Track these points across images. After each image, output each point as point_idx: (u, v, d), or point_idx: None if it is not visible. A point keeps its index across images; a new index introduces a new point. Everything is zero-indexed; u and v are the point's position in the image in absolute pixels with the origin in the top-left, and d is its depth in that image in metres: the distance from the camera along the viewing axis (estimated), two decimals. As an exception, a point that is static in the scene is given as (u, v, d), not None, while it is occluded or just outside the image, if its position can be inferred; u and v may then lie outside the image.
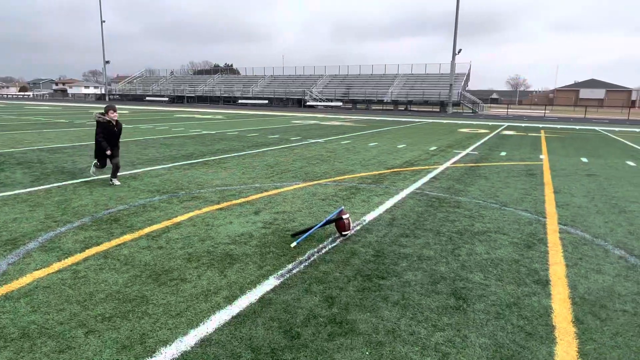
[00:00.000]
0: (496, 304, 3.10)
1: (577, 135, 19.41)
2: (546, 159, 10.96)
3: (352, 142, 14.20)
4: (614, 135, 19.65)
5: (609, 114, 55.33)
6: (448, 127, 22.44)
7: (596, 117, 44.19)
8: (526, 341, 2.63)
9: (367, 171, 8.56)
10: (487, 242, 4.44)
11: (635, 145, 15.37)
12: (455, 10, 44.61)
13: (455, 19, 44.98)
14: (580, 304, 3.12)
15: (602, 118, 43.01)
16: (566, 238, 4.62)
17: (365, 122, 25.33)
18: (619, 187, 7.42)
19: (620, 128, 26.11)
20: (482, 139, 16.36)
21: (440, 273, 3.62)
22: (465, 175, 8.34)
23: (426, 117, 35.86)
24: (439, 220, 5.18)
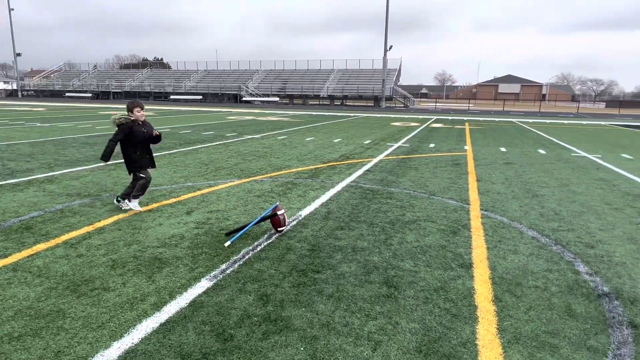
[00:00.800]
0: (425, 289, 3.24)
1: (497, 126, 20.96)
2: (470, 149, 11.71)
3: (289, 137, 14.16)
4: (528, 126, 21.48)
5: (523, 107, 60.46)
6: (381, 121, 23.17)
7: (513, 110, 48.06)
8: (452, 322, 2.78)
9: (303, 166, 8.58)
10: (416, 230, 4.64)
11: (546, 135, 16.91)
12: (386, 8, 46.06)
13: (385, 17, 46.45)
14: (499, 284, 3.36)
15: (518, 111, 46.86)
16: (487, 223, 4.96)
17: (302, 117, 25.39)
18: (532, 174, 8.12)
19: (533, 119, 28.61)
20: (413, 131, 17.09)
21: (374, 263, 3.72)
22: (397, 167, 8.66)
23: (361, 111, 36.76)
24: (372, 212, 5.32)
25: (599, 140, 15.17)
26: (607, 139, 15.77)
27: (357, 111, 36.47)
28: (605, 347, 2.53)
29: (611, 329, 2.72)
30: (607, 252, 4.08)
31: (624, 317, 2.87)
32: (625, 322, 2.81)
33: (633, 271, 3.65)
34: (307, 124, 19.97)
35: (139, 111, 5.03)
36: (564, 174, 8.11)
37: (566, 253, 4.03)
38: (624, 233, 4.65)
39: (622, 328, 2.74)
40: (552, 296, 3.16)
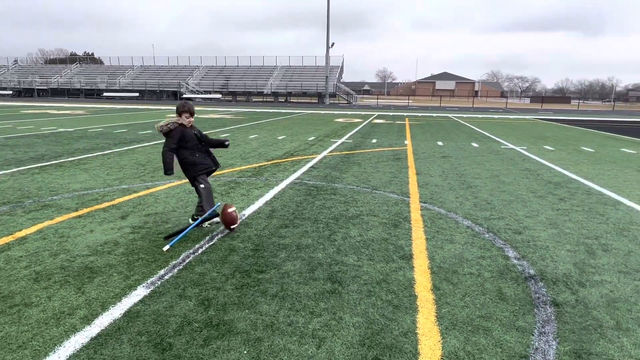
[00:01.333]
0: (368, 282, 3.30)
1: (434, 122, 21.93)
2: (410, 144, 12.14)
3: (232, 135, 13.86)
4: (462, 121, 22.69)
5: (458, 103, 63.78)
6: (325, 118, 23.38)
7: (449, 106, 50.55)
8: (393, 314, 2.85)
9: (247, 164, 8.43)
10: (360, 225, 4.72)
11: (478, 129, 17.96)
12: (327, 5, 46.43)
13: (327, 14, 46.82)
14: (438, 273, 3.50)
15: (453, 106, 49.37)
16: (426, 214, 5.16)
17: (246, 114, 24.97)
18: (467, 166, 8.58)
19: (467, 115, 30.27)
20: (356, 127, 17.41)
21: (318, 260, 3.73)
22: (341, 163, 8.77)
23: (305, 108, 36.84)
24: (316, 208, 5.34)
25: (524, 133, 16.36)
26: (532, 132, 17.06)
27: (302, 108, 36.50)
28: (532, 326, 2.72)
29: (537, 309, 2.94)
30: (533, 237, 4.40)
31: (547, 297, 3.10)
32: (548, 301, 3.05)
33: (555, 254, 3.96)
34: (250, 122, 19.66)
35: (188, 117, 4.42)
36: (494, 166, 8.66)
37: (497, 240, 4.30)
38: (547, 219, 5.04)
39: (546, 307, 2.96)
40: (485, 282, 3.35)
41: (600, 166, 8.87)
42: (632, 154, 10.86)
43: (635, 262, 3.77)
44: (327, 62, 49.49)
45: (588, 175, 7.75)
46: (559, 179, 7.38)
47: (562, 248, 4.10)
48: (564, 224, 4.86)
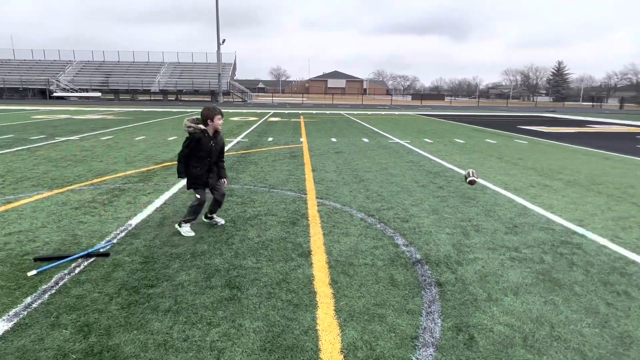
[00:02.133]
0: (268, 284, 3.26)
1: (328, 119, 22.71)
2: (305, 141, 12.37)
3: (115, 137, 12.64)
4: (353, 118, 23.88)
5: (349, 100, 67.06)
6: (220, 116, 22.65)
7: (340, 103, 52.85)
8: (294, 313, 2.85)
9: (133, 169, 7.74)
10: (258, 225, 4.65)
11: (368, 125, 19.06)
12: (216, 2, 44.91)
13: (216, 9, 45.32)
14: (335, 267, 3.60)
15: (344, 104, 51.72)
16: (323, 210, 5.29)
17: (131, 114, 23.00)
18: (359, 161, 9.02)
19: (357, 111, 31.96)
20: (251, 126, 17.19)
21: (215, 266, 3.57)
22: (237, 162, 8.56)
23: (198, 106, 35.27)
24: (212, 212, 5.11)
25: (408, 128, 17.82)
26: (414, 126, 18.66)
27: (194, 107, 34.87)
28: (420, 308, 2.94)
29: (424, 291, 3.19)
30: (418, 224, 4.79)
31: (432, 279, 3.39)
32: (433, 282, 3.33)
33: (437, 237, 4.36)
34: (137, 122, 18.16)
35: (220, 119, 4.30)
36: (383, 159, 9.25)
37: (388, 229, 4.58)
38: (430, 206, 5.54)
39: (431, 288, 3.23)
40: (378, 270, 3.54)
41: (470, 156, 10.05)
42: (493, 144, 12.52)
43: (499, 239, 4.33)
44: (218, 59, 47.98)
45: (460, 164, 8.72)
46: (438, 169, 8.18)
47: (443, 232, 4.53)
48: (443, 209, 5.38)
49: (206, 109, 4.29)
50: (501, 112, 37.15)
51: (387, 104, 55.32)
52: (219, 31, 46.21)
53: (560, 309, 2.96)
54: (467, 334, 2.64)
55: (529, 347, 2.52)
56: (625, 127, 20.81)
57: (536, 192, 6.36)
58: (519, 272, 3.54)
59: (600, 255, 3.92)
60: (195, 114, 4.56)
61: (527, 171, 8.12)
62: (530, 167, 8.62)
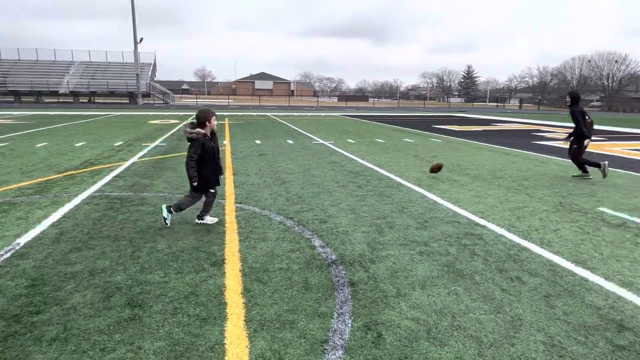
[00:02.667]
0: (174, 299, 3.06)
1: (254, 120, 22.39)
2: (228, 144, 12.04)
3: (11, 144, 11.29)
4: (280, 119, 23.79)
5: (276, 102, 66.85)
6: (138, 120, 21.32)
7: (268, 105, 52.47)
8: (201, 328, 2.70)
9: (29, 179, 6.95)
10: (170, 235, 4.38)
11: (294, 126, 19.10)
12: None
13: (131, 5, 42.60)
14: (249, 274, 3.50)
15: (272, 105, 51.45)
16: (241, 215, 5.14)
17: (34, 118, 20.75)
18: (282, 162, 8.96)
19: (284, 113, 31.92)
20: (172, 129, 16.38)
21: (116, 284, 3.28)
22: (152, 168, 8.06)
23: (115, 109, 32.91)
24: (119, 223, 4.74)
25: (332, 129, 18.14)
26: (338, 127, 19.05)
27: (110, 109, 32.46)
28: (332, 310, 2.94)
29: (337, 292, 3.20)
30: (336, 224, 4.84)
31: (345, 279, 3.43)
32: (346, 282, 3.36)
33: (353, 237, 4.43)
34: (39, 127, 16.43)
35: (215, 120, 4.52)
36: (306, 160, 9.28)
37: (306, 232, 4.57)
38: (348, 205, 5.63)
39: (344, 289, 3.26)
40: (293, 274, 3.49)
41: (389, 155, 10.46)
42: (411, 143, 13.17)
43: (411, 235, 4.51)
44: (136, 58, 45.14)
45: (379, 163, 9.02)
46: (358, 169, 8.38)
47: (359, 231, 4.62)
48: (360, 208, 5.50)
49: (202, 112, 4.43)
50: (419, 112, 39.35)
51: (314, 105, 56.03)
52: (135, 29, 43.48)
53: (461, 298, 3.13)
54: (375, 332, 2.69)
55: (432, 339, 2.63)
56: (523, 125, 23.10)
57: (446, 188, 6.76)
58: (427, 266, 3.70)
59: (498, 244, 4.25)
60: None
61: (439, 168, 8.62)
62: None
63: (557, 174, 8.15)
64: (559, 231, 4.70)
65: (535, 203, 5.92)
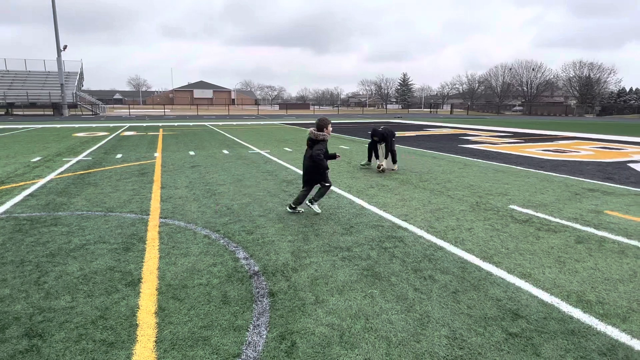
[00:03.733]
0: (80, 325, 2.88)
1: (190, 131, 21.76)
2: (160, 156, 11.59)
3: None
4: (217, 129, 23.32)
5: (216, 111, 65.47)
6: (62, 132, 19.90)
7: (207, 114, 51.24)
8: (106, 354, 2.57)
9: None
10: (83, 257, 4.13)
11: (231, 136, 18.81)
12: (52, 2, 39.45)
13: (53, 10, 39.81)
14: (166, 292, 3.38)
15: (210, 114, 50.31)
16: (164, 230, 4.96)
17: None
18: (214, 174, 8.79)
19: (223, 122, 31.34)
20: (99, 142, 15.47)
21: (15, 313, 3.03)
22: (71, 185, 7.55)
23: (36, 121, 30.46)
24: (26, 247, 4.38)
25: (270, 137, 18.10)
26: (276, 135, 19.05)
27: (31, 122, 29.99)
28: (248, 322, 2.93)
29: (255, 304, 3.19)
30: (263, 234, 4.83)
31: (265, 290, 3.43)
32: (266, 293, 3.37)
33: (278, 246, 4.44)
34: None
35: (331, 127, 5.68)
36: (240, 171, 9.18)
37: (231, 244, 4.51)
38: (277, 215, 5.64)
39: (263, 300, 3.26)
40: (212, 289, 3.43)
41: (324, 162, 10.61)
42: (347, 150, 13.48)
43: (336, 241, 4.62)
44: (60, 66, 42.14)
45: (314, 171, 9.13)
46: (292, 177, 8.43)
47: (285, 240, 4.65)
48: (289, 217, 5.54)
49: (323, 120, 5.61)
50: (358, 119, 40.41)
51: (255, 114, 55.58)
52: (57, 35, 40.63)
53: (376, 300, 3.26)
54: (289, 341, 2.71)
55: (345, 343, 2.70)
56: (452, 130, 24.53)
57: (374, 193, 7.00)
58: (347, 271, 3.80)
59: (416, 245, 4.47)
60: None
61: (370, 174, 8.91)
62: (373, 169, 9.48)
63: (478, 175, 8.74)
64: (472, 229, 5.04)
65: (455, 204, 6.30)
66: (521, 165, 10.21)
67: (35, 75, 49.47)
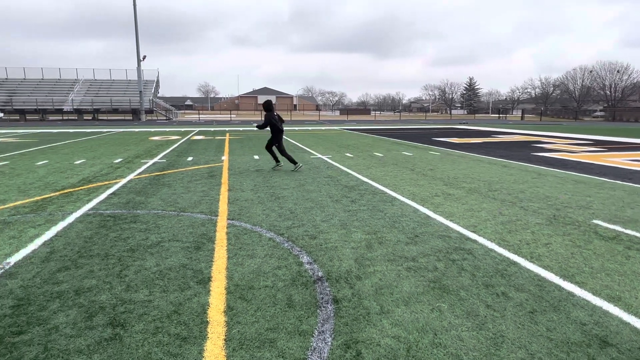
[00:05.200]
0: (156, 318, 3.06)
1: (254, 135, 22.54)
2: (227, 159, 12.12)
3: (12, 162, 11.43)
4: (281, 134, 23.89)
5: (280, 116, 67.20)
6: (139, 136, 21.53)
7: (271, 119, 52.77)
8: (180, 348, 2.70)
9: (26, 198, 7.01)
10: (158, 253, 4.40)
11: (293, 141, 19.19)
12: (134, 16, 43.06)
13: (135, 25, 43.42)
14: (234, 292, 3.49)
15: (275, 119, 51.72)
16: (232, 231, 5.15)
17: (37, 136, 21.01)
18: (278, 177, 9.00)
19: (285, 127, 32.07)
20: (172, 145, 16.51)
21: (100, 303, 3.29)
22: (148, 185, 8.12)
23: (118, 126, 33.28)
24: (110, 241, 4.76)
25: (331, 143, 18.22)
26: (337, 141, 19.13)
27: (114, 126, 32.83)
28: (313, 328, 2.93)
29: (319, 310, 3.19)
30: (325, 240, 4.84)
31: (329, 296, 3.42)
32: (330, 300, 3.35)
33: (341, 252, 4.42)
34: (42, 144, 16.62)
35: None
36: (302, 175, 9.31)
37: (295, 248, 4.57)
38: (339, 221, 5.63)
39: (327, 306, 3.25)
40: (278, 292, 3.49)
41: (386, 168, 10.48)
42: (409, 156, 13.20)
43: (400, 250, 4.50)
44: (139, 75, 45.79)
45: (375, 177, 9.04)
46: (354, 183, 8.40)
47: (348, 246, 4.62)
48: (352, 223, 5.50)
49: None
50: (420, 125, 39.46)
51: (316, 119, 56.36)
52: (138, 47, 44.23)
53: (444, 315, 3.11)
54: (355, 350, 2.67)
55: (412, 357, 2.61)
56: (524, 137, 23.09)
57: (440, 202, 6.76)
58: (413, 282, 3.69)
59: (487, 259, 4.23)
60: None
61: (435, 181, 8.63)
62: (438, 177, 9.17)
63: (554, 186, 8.13)
64: (550, 245, 4.68)
65: (529, 216, 5.89)
66: (605, 176, 9.34)
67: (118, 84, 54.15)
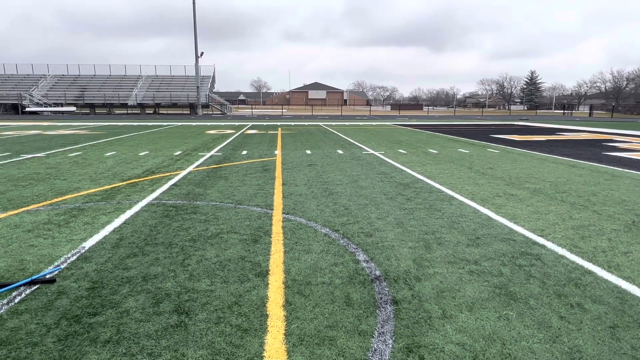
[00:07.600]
0: (218, 308, 3.14)
1: (306, 130, 22.71)
2: (279, 154, 12.30)
3: (84, 153, 12.32)
4: (331, 129, 23.94)
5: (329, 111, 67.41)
6: (197, 130, 22.42)
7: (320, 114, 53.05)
8: (242, 339, 2.74)
9: (97, 186, 7.52)
10: (218, 244, 4.52)
11: (344, 136, 19.12)
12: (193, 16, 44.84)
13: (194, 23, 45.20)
14: (292, 286, 3.51)
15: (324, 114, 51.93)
16: (287, 226, 5.19)
17: (105, 129, 22.53)
18: (330, 173, 8.98)
19: (336, 122, 32.08)
20: (227, 139, 17.03)
21: (166, 290, 3.43)
22: (206, 178, 8.41)
23: (176, 119, 34.92)
24: (173, 231, 4.97)
25: (383, 138, 17.94)
26: (390, 137, 18.81)
27: (172, 120, 34.49)
28: (373, 328, 2.87)
29: (378, 310, 3.12)
30: (382, 238, 4.74)
31: (388, 296, 3.33)
32: (389, 300, 3.27)
33: (399, 252, 4.31)
34: (110, 137, 17.79)
35: None
36: (355, 171, 9.24)
37: (350, 245, 4.52)
38: (395, 219, 5.51)
39: (386, 307, 3.17)
40: (335, 289, 3.46)
41: (441, 166, 10.13)
42: (466, 154, 12.68)
43: (461, 252, 4.31)
44: (196, 71, 47.72)
45: (431, 175, 8.77)
46: (408, 180, 8.20)
47: (405, 246, 4.50)
48: (408, 222, 5.36)
49: None
50: (477, 121, 37.86)
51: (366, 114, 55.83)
52: (197, 44, 46.04)
53: (513, 324, 2.93)
54: (417, 354, 2.58)
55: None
56: (593, 134, 21.43)
57: (502, 202, 6.41)
58: (476, 287, 3.51)
59: (558, 266, 3.94)
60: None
61: (495, 181, 8.21)
62: (498, 176, 8.73)
63: (631, 189, 7.45)
64: (631, 254, 4.28)
65: (604, 221, 5.44)
66: (691, 180, 8.43)
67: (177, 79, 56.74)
